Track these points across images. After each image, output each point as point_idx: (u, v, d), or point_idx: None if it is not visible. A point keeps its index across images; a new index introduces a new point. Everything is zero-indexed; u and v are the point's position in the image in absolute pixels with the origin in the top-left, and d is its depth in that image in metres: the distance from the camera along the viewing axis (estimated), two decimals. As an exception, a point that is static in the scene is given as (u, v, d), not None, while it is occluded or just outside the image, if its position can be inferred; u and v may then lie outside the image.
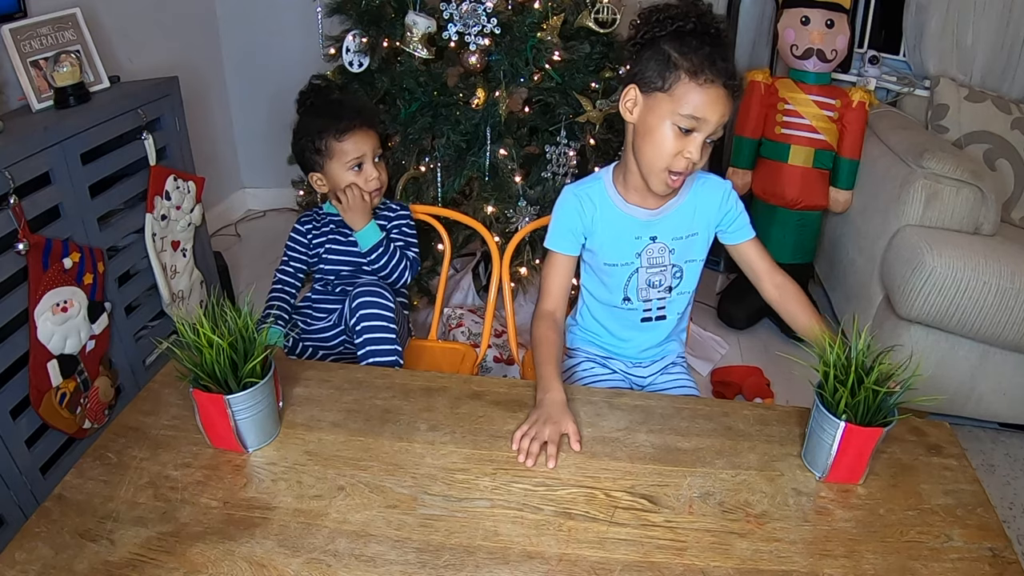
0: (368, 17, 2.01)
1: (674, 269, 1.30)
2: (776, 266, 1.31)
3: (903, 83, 2.51)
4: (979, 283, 1.83)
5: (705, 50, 1.09)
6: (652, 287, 1.31)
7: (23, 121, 1.63)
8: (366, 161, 1.51)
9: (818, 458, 0.98)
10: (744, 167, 2.44)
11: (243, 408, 0.98)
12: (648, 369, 1.41)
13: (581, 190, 1.28)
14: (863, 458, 0.96)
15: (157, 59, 2.40)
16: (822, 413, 0.95)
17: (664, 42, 1.12)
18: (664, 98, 1.12)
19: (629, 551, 0.88)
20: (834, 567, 0.86)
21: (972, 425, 2.11)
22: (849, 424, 0.92)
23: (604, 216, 1.26)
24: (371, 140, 1.52)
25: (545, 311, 1.29)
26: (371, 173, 1.51)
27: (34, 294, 1.50)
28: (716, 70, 1.09)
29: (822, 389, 0.97)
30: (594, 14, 1.96)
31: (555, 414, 1.06)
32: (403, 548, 0.88)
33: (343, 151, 1.49)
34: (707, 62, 1.08)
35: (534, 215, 1.96)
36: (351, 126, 1.49)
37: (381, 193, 1.56)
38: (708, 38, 1.10)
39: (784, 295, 1.29)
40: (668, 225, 1.27)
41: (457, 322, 2.27)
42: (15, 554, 0.85)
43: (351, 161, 1.50)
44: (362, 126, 1.50)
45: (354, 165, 1.50)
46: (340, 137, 1.49)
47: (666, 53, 1.11)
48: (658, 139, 1.14)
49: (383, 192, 1.57)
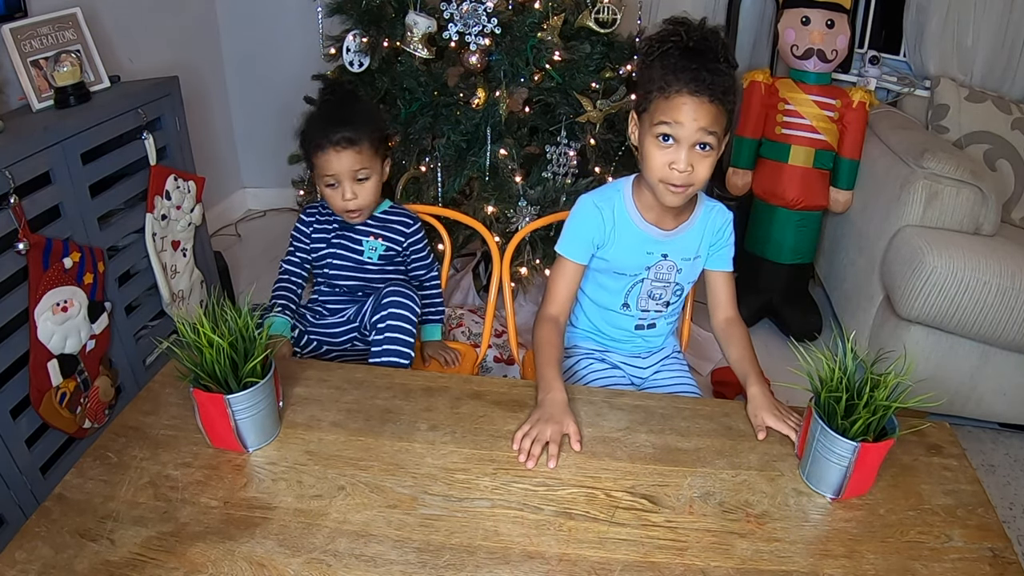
0: (368, 17, 2.01)
1: (676, 287, 1.33)
2: (734, 303, 1.35)
3: (903, 83, 2.51)
4: (979, 283, 1.83)
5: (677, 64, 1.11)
6: (652, 299, 1.34)
7: (23, 121, 1.63)
8: (342, 181, 1.41)
9: (829, 480, 0.95)
10: (744, 167, 2.43)
11: (243, 408, 0.98)
12: (646, 361, 1.43)
13: (602, 202, 1.28)
14: (875, 471, 0.95)
15: (157, 59, 2.40)
16: (831, 437, 0.92)
17: (650, 69, 1.15)
18: (646, 117, 1.17)
19: (629, 551, 0.88)
20: (834, 567, 0.86)
21: (972, 425, 2.11)
22: (864, 443, 0.91)
23: (621, 230, 1.27)
24: (352, 160, 1.40)
25: (549, 315, 1.29)
26: (347, 193, 1.42)
27: (34, 294, 1.50)
28: (683, 79, 1.10)
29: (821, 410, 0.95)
30: (594, 14, 1.96)
31: (556, 414, 1.06)
32: (403, 548, 0.88)
33: (318, 165, 1.43)
34: (673, 75, 1.10)
35: (534, 215, 1.96)
36: (327, 144, 1.40)
37: (366, 213, 1.48)
38: (689, 53, 1.11)
39: (729, 329, 1.33)
40: (680, 245, 1.29)
41: (457, 322, 2.27)
42: (15, 554, 0.85)
43: (326, 178, 1.43)
44: (343, 145, 1.39)
45: (329, 183, 1.43)
46: (316, 152, 1.41)
47: (648, 77, 1.15)
48: (647, 155, 1.17)
49: (371, 210, 1.49)
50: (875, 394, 0.91)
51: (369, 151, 1.42)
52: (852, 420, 0.92)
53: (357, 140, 1.40)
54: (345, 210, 1.44)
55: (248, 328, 1.00)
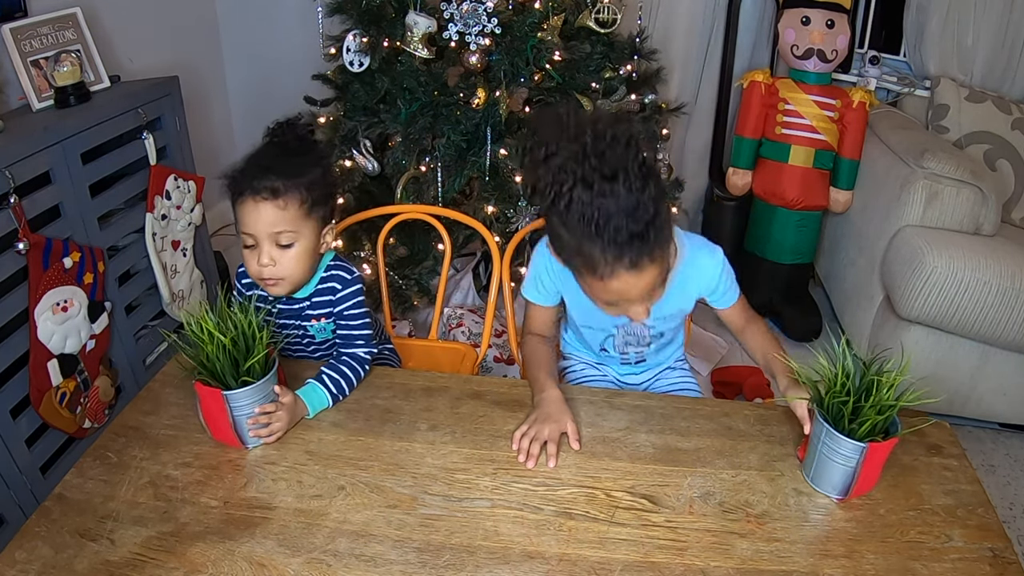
0: (368, 17, 2.01)
1: (654, 335, 1.26)
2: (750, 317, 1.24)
3: (903, 83, 2.51)
4: (979, 283, 1.83)
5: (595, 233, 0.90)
6: (629, 345, 1.28)
7: (23, 120, 1.63)
8: (260, 241, 1.11)
9: (834, 481, 0.95)
10: (744, 167, 2.44)
11: (243, 404, 0.98)
12: (640, 376, 1.40)
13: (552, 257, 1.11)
14: (880, 468, 0.95)
15: (157, 59, 2.39)
16: (838, 439, 0.92)
17: (556, 227, 0.96)
18: (577, 275, 1.01)
19: (629, 551, 0.88)
20: (834, 567, 0.86)
21: (972, 425, 2.11)
22: (873, 443, 0.90)
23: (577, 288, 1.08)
24: (273, 218, 1.10)
25: (533, 333, 1.27)
26: (263, 258, 1.11)
27: (34, 294, 1.50)
28: (611, 256, 0.91)
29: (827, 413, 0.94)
30: (594, 14, 1.96)
31: (554, 412, 1.06)
32: (403, 548, 0.88)
33: (237, 217, 1.13)
34: (598, 253, 0.91)
35: (534, 215, 1.96)
36: (248, 191, 1.10)
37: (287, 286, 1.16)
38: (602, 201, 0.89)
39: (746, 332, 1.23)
40: None
41: (457, 322, 2.27)
42: (15, 554, 0.85)
43: (243, 235, 1.13)
44: (265, 196, 1.09)
45: (247, 241, 1.13)
46: (236, 199, 1.12)
47: (556, 232, 0.97)
48: (596, 304, 1.05)
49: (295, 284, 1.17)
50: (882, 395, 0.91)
51: (297, 211, 1.11)
52: (860, 422, 0.91)
53: (283, 194, 1.10)
54: (259, 277, 1.14)
55: (251, 326, 1.00)
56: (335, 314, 1.22)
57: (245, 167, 1.13)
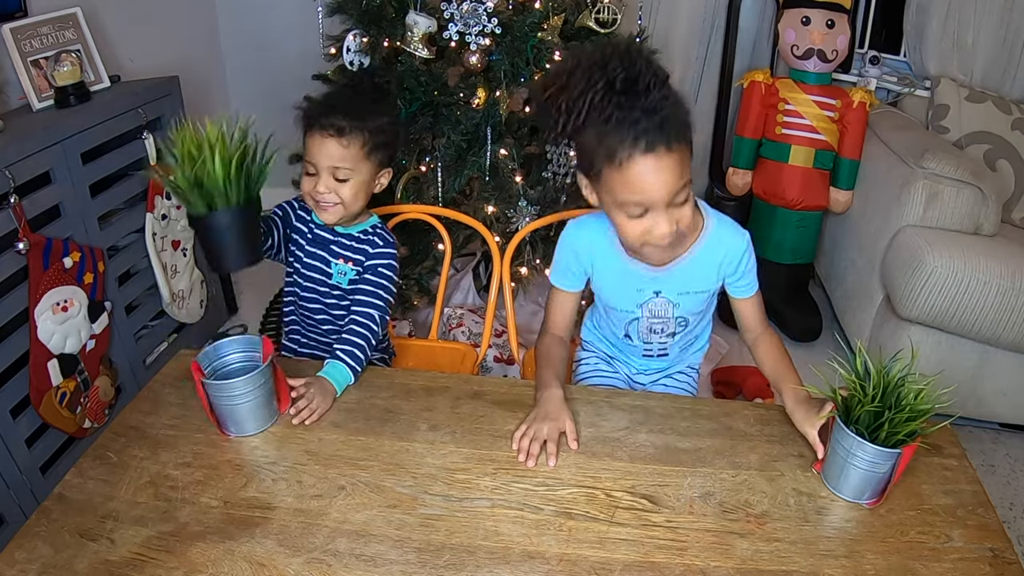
0: (369, 17, 2.01)
1: (679, 320, 1.25)
2: (764, 321, 1.25)
3: (903, 83, 2.51)
4: (979, 283, 1.83)
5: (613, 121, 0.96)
6: (654, 332, 1.27)
7: (23, 120, 1.63)
8: (320, 171, 1.24)
9: (870, 489, 0.94)
10: (744, 167, 2.43)
11: (237, 395, 1.00)
12: (651, 376, 1.40)
13: (582, 232, 1.20)
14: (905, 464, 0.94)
15: (157, 59, 2.39)
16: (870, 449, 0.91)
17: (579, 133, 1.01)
18: (600, 186, 1.04)
19: (630, 551, 0.88)
20: (834, 567, 0.86)
21: (972, 425, 2.11)
22: (906, 447, 0.90)
23: (605, 263, 1.18)
24: (334, 152, 1.23)
25: (550, 332, 1.27)
26: (322, 187, 1.24)
27: (34, 293, 1.50)
28: (628, 139, 0.96)
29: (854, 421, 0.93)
30: (595, 14, 1.96)
31: (553, 411, 1.06)
32: (403, 548, 0.88)
33: (305, 146, 1.27)
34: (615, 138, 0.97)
35: (534, 215, 1.96)
36: (315, 125, 1.24)
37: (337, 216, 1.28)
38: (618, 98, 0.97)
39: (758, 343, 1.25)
40: (674, 281, 1.19)
41: (457, 322, 2.27)
42: (15, 553, 0.85)
43: (306, 163, 1.26)
44: (330, 133, 1.22)
45: (309, 169, 1.26)
46: (306, 131, 1.26)
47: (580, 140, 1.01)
48: (618, 225, 1.06)
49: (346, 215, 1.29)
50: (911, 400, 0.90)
51: (358, 151, 1.24)
52: (892, 431, 0.90)
53: (347, 133, 1.23)
54: (314, 199, 1.27)
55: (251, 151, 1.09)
56: (365, 267, 1.32)
57: (320, 102, 1.27)
